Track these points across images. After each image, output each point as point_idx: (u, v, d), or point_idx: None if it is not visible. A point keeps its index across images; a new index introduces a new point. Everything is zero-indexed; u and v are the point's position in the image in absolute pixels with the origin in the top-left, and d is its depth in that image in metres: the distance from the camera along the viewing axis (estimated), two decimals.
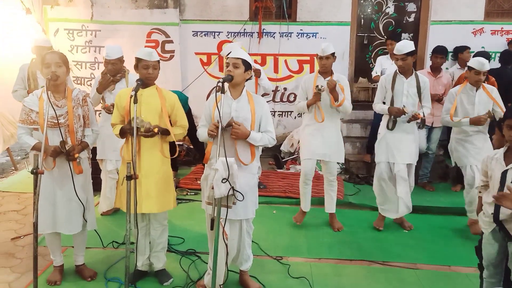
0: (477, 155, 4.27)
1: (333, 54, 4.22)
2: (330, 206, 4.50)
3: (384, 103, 4.37)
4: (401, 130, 4.28)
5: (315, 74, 4.35)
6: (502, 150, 2.68)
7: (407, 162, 4.32)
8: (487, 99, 4.25)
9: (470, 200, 4.35)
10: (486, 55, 5.48)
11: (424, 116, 4.25)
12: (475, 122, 4.20)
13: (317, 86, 4.14)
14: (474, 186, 4.27)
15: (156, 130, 3.07)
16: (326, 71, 4.26)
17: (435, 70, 5.70)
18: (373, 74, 6.16)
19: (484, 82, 4.30)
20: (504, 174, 2.58)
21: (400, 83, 4.25)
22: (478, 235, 4.29)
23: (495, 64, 6.06)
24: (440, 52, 5.65)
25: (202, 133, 3.12)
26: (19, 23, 6.26)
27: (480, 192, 2.92)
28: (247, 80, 4.89)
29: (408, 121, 4.23)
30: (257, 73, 5.09)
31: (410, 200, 4.39)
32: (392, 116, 4.27)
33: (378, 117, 6.01)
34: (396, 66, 4.31)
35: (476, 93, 4.24)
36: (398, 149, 4.28)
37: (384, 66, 6.00)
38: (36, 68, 4.53)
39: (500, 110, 4.19)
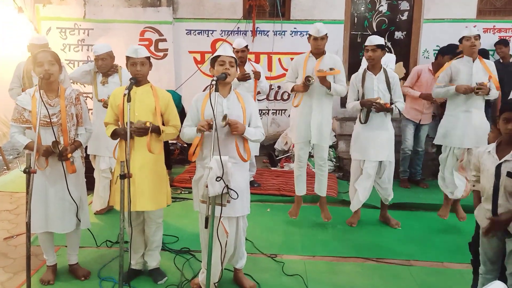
0: (464, 137, 4.23)
1: (326, 34, 4.19)
2: (320, 188, 4.49)
3: None
4: (375, 127, 4.26)
5: (306, 54, 4.29)
6: (494, 144, 2.70)
7: (379, 159, 4.31)
8: (485, 72, 4.21)
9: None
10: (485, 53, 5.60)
11: (397, 109, 4.20)
12: (460, 88, 4.15)
13: (306, 77, 4.09)
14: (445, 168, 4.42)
15: (148, 124, 3.08)
16: (319, 52, 4.23)
17: (436, 68, 5.66)
18: None
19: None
20: (498, 168, 2.61)
21: (370, 80, 4.24)
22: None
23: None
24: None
25: (187, 133, 3.09)
26: (10, 22, 6.21)
27: (474, 186, 2.93)
28: (245, 80, 4.96)
29: (377, 111, 4.16)
30: (257, 76, 5.08)
31: (367, 196, 4.39)
32: (365, 109, 4.23)
33: None
34: (365, 58, 4.29)
35: (473, 64, 4.22)
36: (371, 147, 4.27)
37: None
38: (31, 66, 4.52)
39: (494, 85, 4.17)
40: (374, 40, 4.18)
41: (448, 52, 5.59)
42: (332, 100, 4.39)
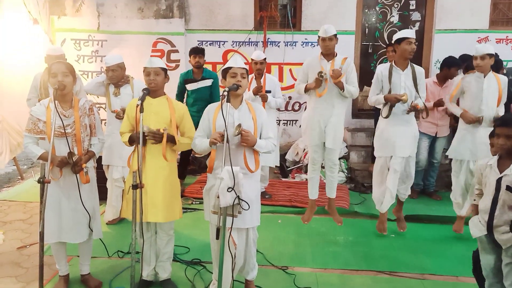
0: (476, 152, 4.27)
1: (335, 35, 4.19)
2: (330, 190, 4.47)
3: None
4: (400, 122, 4.22)
5: (318, 56, 4.30)
6: (495, 158, 2.73)
7: (405, 155, 4.28)
8: (497, 87, 4.24)
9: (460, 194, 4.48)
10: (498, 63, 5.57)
11: (424, 105, 4.19)
12: (463, 117, 4.31)
13: (319, 72, 4.10)
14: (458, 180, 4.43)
15: (162, 130, 3.09)
16: (329, 53, 4.23)
17: (442, 79, 5.64)
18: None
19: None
20: (499, 181, 2.63)
21: (397, 76, 4.19)
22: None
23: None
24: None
25: (200, 144, 3.08)
26: (26, 34, 6.33)
27: (474, 200, 2.94)
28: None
29: (408, 112, 4.15)
30: (264, 98, 4.99)
31: (396, 190, 4.35)
32: (389, 104, 4.17)
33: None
34: (410, 49, 4.10)
35: (484, 79, 4.25)
36: (398, 143, 4.23)
37: None
38: (47, 77, 4.60)
39: (497, 101, 4.25)
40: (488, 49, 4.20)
41: (453, 64, 5.55)
42: (345, 104, 4.38)
